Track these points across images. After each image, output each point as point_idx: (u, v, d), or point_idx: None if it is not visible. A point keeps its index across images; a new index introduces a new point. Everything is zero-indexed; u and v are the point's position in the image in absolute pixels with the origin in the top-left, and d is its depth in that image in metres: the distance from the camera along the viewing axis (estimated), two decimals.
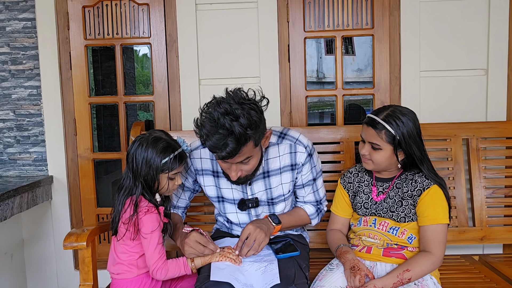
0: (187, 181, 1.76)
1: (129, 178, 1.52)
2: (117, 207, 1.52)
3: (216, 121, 1.36)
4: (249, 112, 1.37)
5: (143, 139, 1.52)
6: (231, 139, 1.35)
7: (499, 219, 2.08)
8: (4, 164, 2.52)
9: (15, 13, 2.45)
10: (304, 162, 1.65)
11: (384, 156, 1.55)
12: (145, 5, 2.45)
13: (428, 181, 1.56)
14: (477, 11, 2.31)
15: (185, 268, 1.51)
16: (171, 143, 1.53)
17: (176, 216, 1.78)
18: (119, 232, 1.53)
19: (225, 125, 1.34)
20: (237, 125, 1.34)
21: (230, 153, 1.37)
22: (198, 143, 1.73)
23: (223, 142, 1.35)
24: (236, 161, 1.45)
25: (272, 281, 1.42)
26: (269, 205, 1.71)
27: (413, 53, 2.33)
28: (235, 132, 1.34)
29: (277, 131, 1.69)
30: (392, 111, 1.54)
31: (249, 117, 1.36)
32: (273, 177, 1.66)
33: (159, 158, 1.49)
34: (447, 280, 1.77)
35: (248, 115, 1.36)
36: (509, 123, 2.15)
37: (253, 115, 1.37)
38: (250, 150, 1.44)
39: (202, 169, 1.71)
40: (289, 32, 2.40)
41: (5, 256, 2.41)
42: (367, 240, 1.63)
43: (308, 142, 1.67)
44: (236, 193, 1.69)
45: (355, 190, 1.71)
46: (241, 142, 1.36)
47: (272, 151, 1.65)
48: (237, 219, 1.74)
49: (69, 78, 2.49)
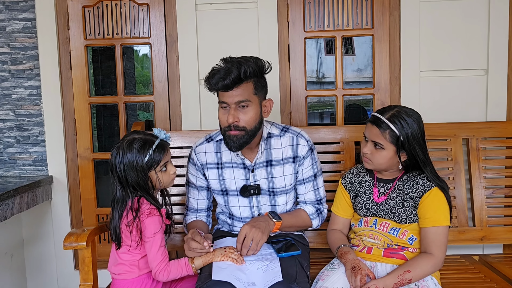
0: (198, 180, 1.79)
1: (119, 190, 1.51)
2: (115, 221, 1.51)
3: (227, 59, 1.57)
4: (256, 61, 1.58)
5: (119, 147, 1.50)
6: (235, 69, 1.52)
7: (499, 219, 2.08)
8: (4, 164, 2.52)
9: (15, 13, 2.44)
10: (305, 156, 1.71)
11: (386, 156, 1.55)
12: (145, 5, 2.45)
13: (429, 183, 1.56)
14: (477, 11, 2.31)
15: (186, 269, 1.51)
16: (147, 139, 1.51)
17: (199, 223, 1.78)
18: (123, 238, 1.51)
19: (234, 61, 1.55)
20: (243, 62, 1.54)
21: (233, 80, 1.51)
22: (202, 139, 1.79)
23: (228, 70, 1.52)
24: (235, 99, 1.55)
25: (274, 279, 1.42)
26: (270, 196, 1.73)
27: (413, 53, 2.34)
28: (241, 66, 1.52)
29: (280, 125, 1.76)
30: (397, 112, 1.54)
31: (255, 62, 1.57)
32: (276, 167, 1.70)
33: (141, 158, 1.47)
34: (447, 280, 1.77)
35: (255, 61, 1.57)
36: (509, 123, 2.15)
37: (259, 64, 1.58)
38: (250, 94, 1.56)
39: (207, 163, 1.75)
40: (289, 32, 2.40)
41: (5, 256, 2.41)
42: (367, 240, 1.63)
43: (309, 137, 1.75)
44: (239, 182, 1.72)
45: (356, 191, 1.71)
46: (243, 74, 1.52)
47: (274, 142, 1.71)
48: (239, 213, 1.75)
49: (69, 78, 2.49)
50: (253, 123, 1.59)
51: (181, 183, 2.06)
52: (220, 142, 1.74)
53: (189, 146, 2.11)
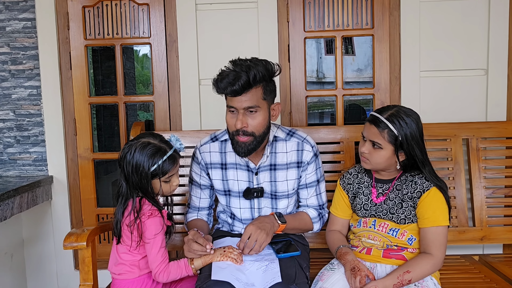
0: (202, 179, 1.78)
1: (123, 186, 1.50)
2: (117, 216, 1.50)
3: (236, 62, 1.53)
4: (266, 65, 1.54)
5: (131, 146, 1.47)
6: (244, 74, 1.48)
7: (499, 219, 2.08)
8: (4, 164, 2.52)
9: (15, 13, 2.45)
10: (309, 161, 1.70)
11: (384, 155, 1.55)
12: (145, 5, 2.45)
13: (427, 183, 1.56)
14: (477, 11, 2.31)
15: (186, 270, 1.51)
16: (161, 147, 1.47)
17: (199, 222, 1.78)
18: (123, 237, 1.52)
19: (243, 65, 1.51)
20: (253, 66, 1.50)
21: (242, 86, 1.48)
22: (207, 138, 1.78)
23: (237, 76, 1.48)
24: (244, 105, 1.52)
25: (273, 280, 1.42)
26: (272, 199, 1.72)
27: (413, 53, 2.34)
28: (250, 71, 1.49)
29: (286, 129, 1.75)
30: (396, 111, 1.54)
31: (265, 66, 1.53)
32: (279, 171, 1.70)
33: (147, 165, 1.45)
34: (447, 280, 1.77)
35: (264, 65, 1.54)
36: (509, 123, 2.15)
37: (269, 68, 1.55)
38: (258, 99, 1.54)
39: (211, 163, 1.75)
40: (289, 32, 2.40)
41: (5, 256, 2.41)
42: (367, 241, 1.63)
43: (314, 143, 1.74)
44: (242, 184, 1.71)
45: (354, 192, 1.70)
46: (252, 80, 1.49)
47: (280, 146, 1.70)
48: (240, 215, 1.75)
49: (69, 78, 2.49)
50: (261, 128, 1.58)
51: (182, 183, 2.06)
52: (225, 142, 1.73)
53: (189, 146, 2.11)
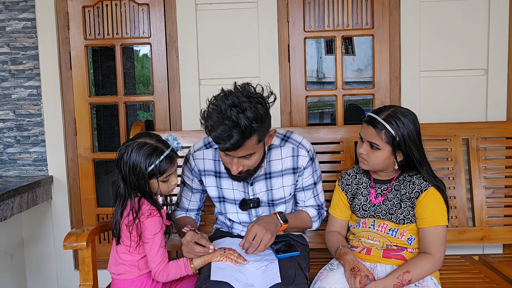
0: (194, 183, 1.76)
1: (121, 186, 1.49)
2: (116, 216, 1.50)
3: (223, 112, 1.36)
4: (256, 106, 1.38)
5: (128, 147, 1.47)
6: (236, 131, 1.36)
7: (499, 219, 2.08)
8: (4, 164, 2.52)
9: (15, 13, 2.45)
10: (305, 166, 1.67)
11: (382, 156, 1.55)
12: (145, 5, 2.45)
13: (425, 183, 1.56)
14: (477, 11, 2.31)
15: (185, 269, 1.51)
16: (158, 147, 1.46)
17: (188, 219, 1.77)
18: (122, 238, 1.52)
19: (231, 116, 1.35)
20: (243, 117, 1.35)
21: (234, 144, 1.38)
22: (201, 143, 1.75)
23: (228, 134, 1.36)
24: (238, 155, 1.45)
25: (272, 280, 1.42)
26: (270, 206, 1.71)
27: (413, 53, 2.34)
28: (241, 124, 1.35)
29: (280, 134, 1.70)
30: (393, 112, 1.54)
31: (255, 111, 1.37)
32: (275, 179, 1.67)
33: (144, 165, 1.44)
34: (447, 280, 1.77)
35: (254, 108, 1.37)
36: (509, 123, 2.15)
37: (259, 109, 1.39)
38: (253, 146, 1.44)
39: (204, 170, 1.72)
40: (289, 32, 2.40)
41: (5, 256, 2.41)
42: (366, 241, 1.63)
43: (310, 146, 1.69)
44: (237, 194, 1.70)
45: (353, 192, 1.70)
46: (245, 135, 1.37)
47: (274, 153, 1.66)
48: (238, 219, 1.74)
49: (69, 78, 2.49)
50: (258, 163, 1.54)
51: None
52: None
53: (189, 146, 2.11)
